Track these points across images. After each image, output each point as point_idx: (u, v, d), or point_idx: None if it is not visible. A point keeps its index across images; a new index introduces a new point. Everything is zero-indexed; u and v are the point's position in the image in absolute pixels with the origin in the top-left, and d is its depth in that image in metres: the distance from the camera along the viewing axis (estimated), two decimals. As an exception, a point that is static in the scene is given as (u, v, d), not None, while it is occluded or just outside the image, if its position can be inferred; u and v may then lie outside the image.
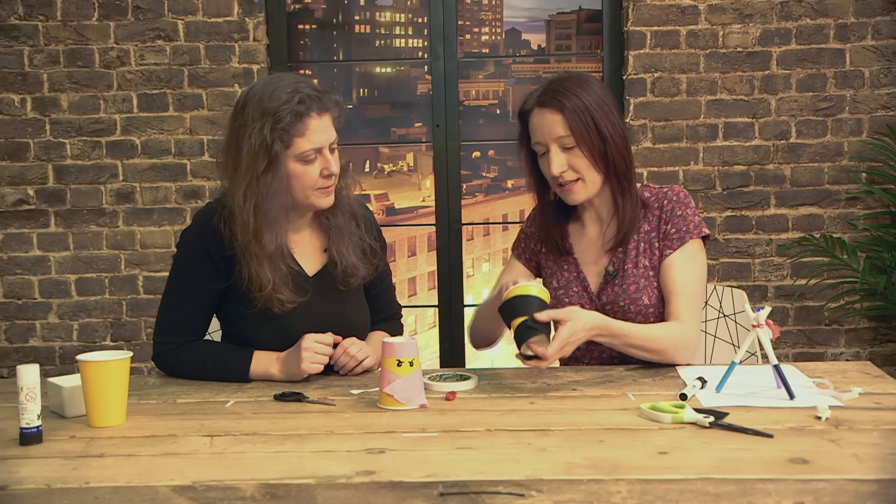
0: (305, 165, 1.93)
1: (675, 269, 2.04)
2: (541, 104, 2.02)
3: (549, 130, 2.01)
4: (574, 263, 2.14)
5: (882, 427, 1.56)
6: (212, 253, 1.98)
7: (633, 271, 2.07)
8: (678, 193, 2.09)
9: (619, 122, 2.04)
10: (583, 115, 1.99)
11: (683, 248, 2.05)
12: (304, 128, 1.91)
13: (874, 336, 3.66)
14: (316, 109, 1.92)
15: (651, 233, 2.09)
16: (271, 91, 1.91)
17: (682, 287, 2.02)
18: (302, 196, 1.96)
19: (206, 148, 3.69)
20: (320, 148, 1.94)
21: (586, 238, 2.15)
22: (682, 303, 2.01)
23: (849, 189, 3.62)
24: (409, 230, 3.98)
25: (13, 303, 3.76)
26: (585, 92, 2.01)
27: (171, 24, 3.64)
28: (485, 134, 3.94)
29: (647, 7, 3.58)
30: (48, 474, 1.43)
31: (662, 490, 1.30)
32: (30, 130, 3.69)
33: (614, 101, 2.07)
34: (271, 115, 1.89)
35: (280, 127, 1.89)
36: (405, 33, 3.90)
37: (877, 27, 3.56)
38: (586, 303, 2.10)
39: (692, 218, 2.06)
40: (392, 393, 1.74)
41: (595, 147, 2.00)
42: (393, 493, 1.32)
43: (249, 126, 1.91)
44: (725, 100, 3.61)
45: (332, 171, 1.96)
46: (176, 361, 2.03)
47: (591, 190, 2.05)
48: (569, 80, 2.04)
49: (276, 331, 2.00)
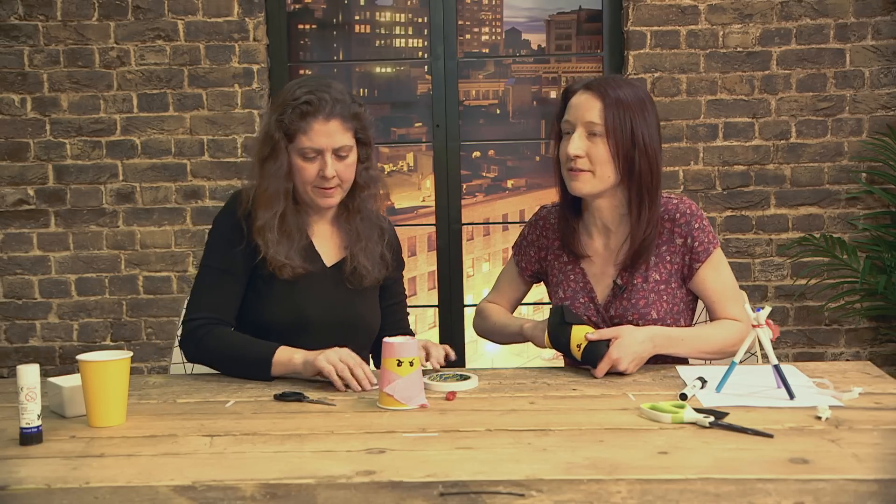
0: (304, 162, 2.04)
1: (710, 281, 2.08)
2: (587, 87, 2.03)
3: (583, 112, 2.01)
4: (581, 273, 2.13)
5: (882, 427, 1.56)
6: (243, 230, 2.07)
7: (643, 286, 2.06)
8: (690, 206, 2.09)
9: (655, 138, 2.03)
10: (622, 111, 1.99)
11: (710, 259, 2.07)
12: (306, 126, 2.02)
13: (874, 336, 3.66)
14: (323, 114, 2.02)
15: (662, 246, 2.08)
16: (296, 86, 2.06)
17: (724, 292, 2.08)
18: (302, 190, 2.07)
19: (206, 148, 3.69)
20: (321, 150, 2.02)
21: (592, 248, 2.13)
22: (729, 306, 2.07)
23: (849, 189, 3.62)
24: (409, 230, 3.98)
25: (13, 303, 3.76)
26: (635, 96, 2.01)
27: (171, 24, 3.64)
28: (485, 134, 3.94)
29: (647, 7, 3.58)
30: (48, 474, 1.43)
31: (662, 490, 1.30)
32: (30, 130, 3.69)
33: (657, 117, 2.07)
34: (280, 107, 2.05)
35: (282, 120, 2.03)
36: (405, 33, 3.90)
37: (877, 27, 3.56)
38: (593, 314, 2.09)
39: (709, 228, 2.09)
40: (392, 393, 1.74)
41: (621, 145, 1.99)
42: (393, 493, 1.32)
43: (268, 115, 2.08)
44: (725, 100, 3.61)
45: (326, 175, 2.03)
46: (201, 341, 2.03)
47: (597, 185, 2.02)
48: (625, 82, 2.05)
49: (290, 312, 2.08)
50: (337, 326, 2.10)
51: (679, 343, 1.98)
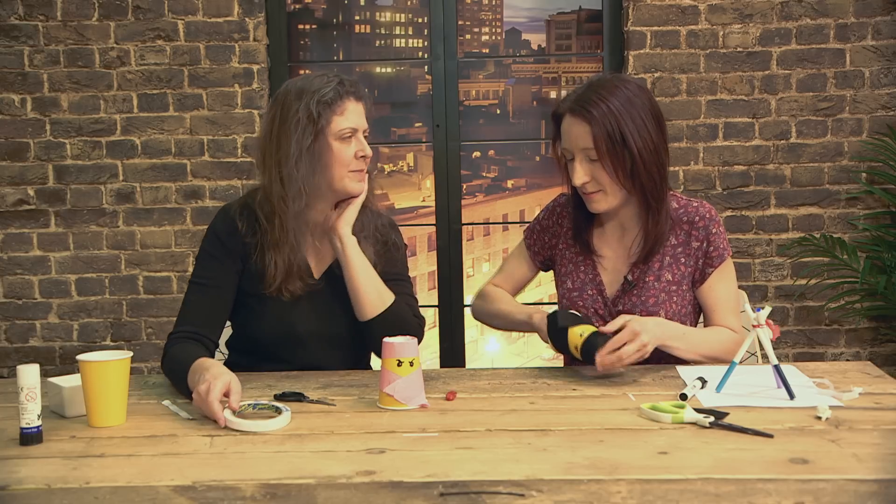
0: (342, 143, 2.01)
1: (718, 288, 2.09)
2: (571, 111, 2.00)
3: (575, 140, 2.00)
4: (591, 266, 2.13)
5: (882, 427, 1.56)
6: (227, 242, 2.05)
7: (655, 284, 2.06)
8: (710, 211, 2.09)
9: (652, 136, 1.99)
10: (611, 128, 1.95)
11: (722, 267, 2.08)
12: (342, 107, 2.01)
13: (874, 336, 3.66)
14: (353, 95, 2.03)
15: (678, 248, 2.08)
16: (311, 80, 2.04)
17: (726, 303, 2.10)
18: (338, 177, 2.02)
19: (206, 148, 3.69)
20: (356, 129, 2.02)
21: (606, 242, 2.13)
22: (729, 317, 2.09)
23: (849, 189, 3.62)
24: (409, 230, 3.98)
25: (13, 303, 3.76)
26: (619, 101, 1.97)
27: (171, 24, 3.64)
28: (485, 134, 3.94)
29: (647, 7, 3.58)
30: (48, 474, 1.43)
31: (662, 490, 1.30)
32: (30, 130, 3.69)
33: (653, 111, 2.01)
34: (315, 91, 1.99)
35: (324, 101, 1.98)
36: (405, 33, 3.90)
37: (877, 27, 3.56)
38: (600, 307, 2.09)
39: (725, 235, 2.10)
40: (392, 393, 1.74)
41: (619, 163, 1.97)
42: (393, 493, 1.32)
43: (293, 107, 1.99)
44: (725, 100, 3.61)
45: (366, 153, 2.03)
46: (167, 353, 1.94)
47: (612, 202, 2.03)
48: (605, 86, 2.00)
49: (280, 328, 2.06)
50: (331, 338, 2.09)
51: (681, 338, 1.97)
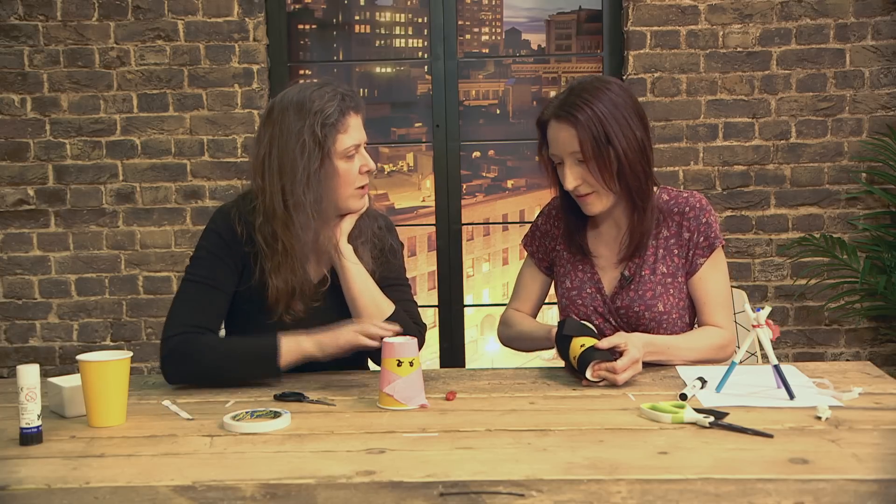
0: (348, 162, 1.98)
1: (708, 280, 2.08)
2: (556, 117, 2.01)
3: (562, 145, 2.01)
4: (589, 265, 2.13)
5: (882, 427, 1.56)
6: (230, 244, 2.01)
7: (651, 277, 2.07)
8: (700, 200, 2.09)
9: (636, 136, 1.99)
10: (596, 131, 1.96)
11: (712, 256, 2.08)
12: (345, 125, 1.96)
13: (874, 336, 3.66)
14: (353, 108, 1.98)
15: (671, 239, 2.09)
16: (310, 94, 1.96)
17: (716, 297, 2.09)
18: (343, 196, 1.99)
19: (206, 148, 3.69)
20: (358, 144, 1.99)
21: (602, 241, 2.14)
22: (719, 312, 2.08)
23: (849, 189, 3.62)
24: (409, 230, 3.98)
25: (13, 303, 3.76)
26: (603, 103, 1.98)
27: (171, 24, 3.64)
28: (485, 134, 3.94)
29: (647, 7, 3.58)
30: (48, 474, 1.43)
31: (662, 490, 1.30)
32: (30, 130, 3.69)
33: (637, 110, 2.02)
34: (319, 112, 1.93)
35: (329, 123, 1.93)
36: (405, 33, 3.90)
37: (877, 27, 3.56)
38: (599, 305, 2.10)
39: (715, 225, 2.09)
40: (392, 393, 1.74)
41: (606, 165, 1.98)
42: (393, 493, 1.32)
43: (294, 127, 1.93)
44: (725, 100, 3.61)
45: (370, 167, 2.00)
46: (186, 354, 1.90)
47: (605, 202, 2.04)
48: (587, 89, 2.00)
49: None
50: None
51: (666, 350, 1.99)
